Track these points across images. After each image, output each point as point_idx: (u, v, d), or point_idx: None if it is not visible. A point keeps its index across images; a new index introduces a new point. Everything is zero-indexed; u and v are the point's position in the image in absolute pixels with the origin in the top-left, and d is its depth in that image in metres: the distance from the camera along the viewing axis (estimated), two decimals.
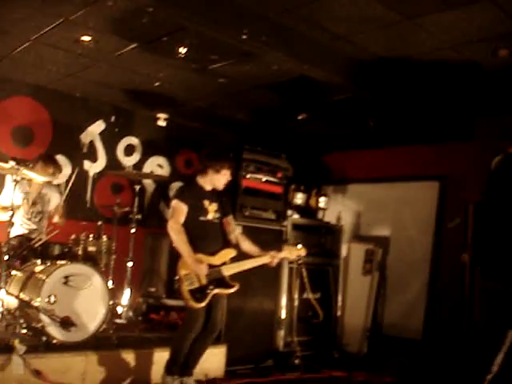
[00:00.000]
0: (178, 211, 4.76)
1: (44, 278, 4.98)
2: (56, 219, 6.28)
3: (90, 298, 5.15)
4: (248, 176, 6.62)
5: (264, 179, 6.78)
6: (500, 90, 6.10)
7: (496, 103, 6.51)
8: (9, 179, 5.99)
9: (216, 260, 4.80)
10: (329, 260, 7.38)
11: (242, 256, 4.99)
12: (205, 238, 4.83)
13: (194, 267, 4.63)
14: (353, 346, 7.46)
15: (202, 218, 4.84)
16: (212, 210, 4.91)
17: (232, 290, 4.86)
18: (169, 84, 6.75)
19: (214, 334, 4.94)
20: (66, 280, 5.04)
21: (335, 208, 8.21)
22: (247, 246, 5.06)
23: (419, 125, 7.37)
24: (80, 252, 5.72)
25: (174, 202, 4.83)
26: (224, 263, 4.84)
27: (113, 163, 7.83)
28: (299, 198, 7.35)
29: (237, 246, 5.03)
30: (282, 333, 6.64)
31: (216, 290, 4.74)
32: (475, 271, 6.13)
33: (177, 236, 4.68)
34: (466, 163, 7.22)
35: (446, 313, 7.14)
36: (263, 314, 6.50)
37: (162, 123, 7.99)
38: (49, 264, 5.28)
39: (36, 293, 4.91)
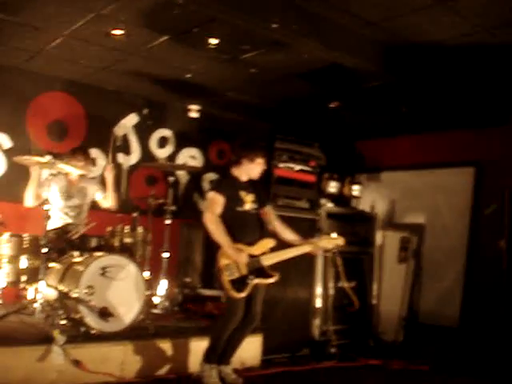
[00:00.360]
0: (215, 202, 4.76)
1: (82, 269, 5.06)
2: (108, 204, 6.38)
3: (127, 289, 5.21)
4: (281, 165, 6.62)
5: (297, 168, 6.76)
6: None
7: None
8: (45, 173, 6.09)
9: (255, 250, 4.78)
10: (363, 248, 7.34)
11: (281, 246, 4.96)
12: (243, 228, 4.82)
13: (234, 257, 4.64)
14: (388, 334, 7.42)
15: (239, 209, 4.83)
16: (249, 201, 4.89)
17: (272, 280, 4.83)
18: (200, 75, 6.78)
19: (253, 325, 4.95)
20: (104, 271, 5.11)
21: (369, 196, 8.16)
22: (288, 235, 5.03)
23: (454, 110, 7.27)
24: (116, 243, 5.80)
25: (211, 194, 4.83)
26: (263, 253, 4.81)
27: (146, 155, 7.91)
28: (333, 187, 7.31)
29: (276, 236, 5.00)
30: (317, 322, 6.64)
31: (256, 280, 4.73)
32: None
33: (215, 227, 4.68)
34: (502, 148, 7.12)
35: (483, 300, 7.06)
36: (298, 303, 6.51)
37: (194, 115, 8.03)
38: (86, 256, 5.36)
39: (74, 284, 4.99)
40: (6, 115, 6.87)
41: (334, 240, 5.07)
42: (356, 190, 7.60)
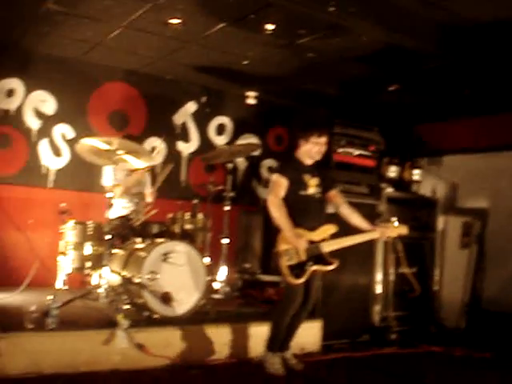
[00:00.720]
0: (279, 185, 4.67)
1: (144, 255, 5.17)
2: (150, 200, 6.48)
3: (188, 274, 5.29)
4: (340, 150, 6.56)
5: (356, 153, 6.69)
6: None
7: None
8: (106, 163, 6.22)
9: (316, 236, 4.68)
10: (425, 234, 7.22)
11: (344, 232, 4.85)
12: (305, 212, 4.71)
13: (293, 242, 4.56)
14: (451, 320, 7.30)
15: (302, 193, 4.73)
16: (313, 185, 4.78)
17: (331, 268, 4.73)
18: (257, 62, 6.77)
19: (309, 310, 4.93)
20: (165, 257, 5.19)
21: (430, 180, 8.01)
22: (356, 219, 4.89)
23: None
24: (177, 230, 5.89)
25: (275, 176, 4.73)
26: (324, 239, 4.70)
27: (205, 143, 7.98)
28: (393, 171, 7.20)
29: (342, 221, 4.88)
30: (377, 308, 6.58)
31: (315, 267, 4.64)
32: None
33: (277, 210, 4.59)
34: None
35: None
36: (358, 288, 6.46)
37: (251, 101, 8.05)
38: (148, 242, 5.47)
39: (137, 270, 5.10)
40: (69, 106, 7.06)
41: (397, 229, 4.93)
42: (417, 174, 7.46)
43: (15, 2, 5.41)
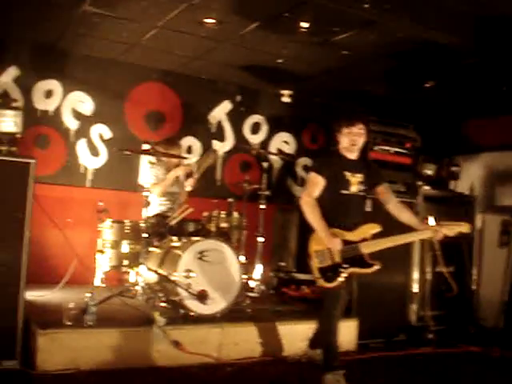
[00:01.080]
0: (313, 184, 4.44)
1: (180, 253, 5.21)
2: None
3: (224, 273, 5.32)
4: (376, 148, 6.51)
5: (392, 150, 6.64)
6: None
7: None
8: (145, 162, 6.29)
9: (354, 236, 4.38)
10: (462, 232, 7.11)
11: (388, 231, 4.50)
12: (343, 212, 4.44)
13: (327, 242, 4.31)
14: (489, 320, 7.18)
15: (343, 191, 4.45)
16: (355, 182, 4.50)
17: (370, 271, 4.39)
18: (292, 60, 6.76)
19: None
20: (201, 255, 5.23)
21: (467, 178, 7.89)
22: (406, 216, 4.57)
23: None
24: (213, 228, 5.92)
25: (311, 175, 4.51)
26: (364, 239, 4.39)
27: (240, 142, 8.00)
28: (429, 169, 7.12)
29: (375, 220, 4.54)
30: (414, 307, 6.52)
31: (351, 270, 4.34)
32: None
33: (309, 209, 4.36)
34: None
35: None
36: (395, 287, 6.40)
37: (286, 99, 8.04)
38: (184, 240, 5.51)
39: (173, 268, 5.15)
40: (106, 106, 7.16)
41: (456, 227, 4.51)
42: (454, 171, 7.37)
43: (53, 5, 5.51)
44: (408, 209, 4.65)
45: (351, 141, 4.53)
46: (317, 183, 4.45)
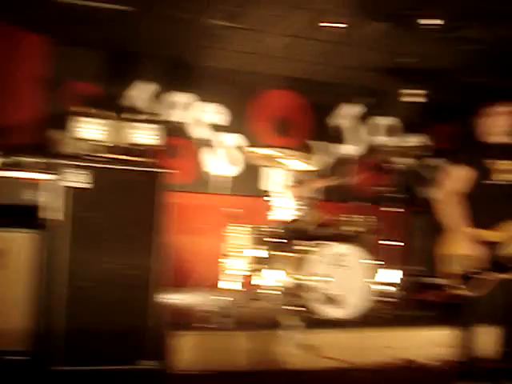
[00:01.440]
0: (451, 178, 3.99)
1: (315, 258, 5.23)
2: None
3: (359, 277, 5.27)
4: None
5: None
6: None
7: None
8: (273, 169, 6.37)
9: (501, 236, 3.85)
10: None
11: None
12: (487, 207, 3.89)
13: (467, 245, 3.88)
14: None
15: (486, 182, 3.90)
16: (502, 169, 3.89)
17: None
18: (422, 58, 6.58)
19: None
20: (336, 260, 5.21)
21: None
22: None
23: None
24: (347, 233, 5.87)
25: (447, 168, 4.05)
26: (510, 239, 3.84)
27: (371, 145, 7.89)
28: None
29: None
30: None
31: (497, 275, 3.84)
32: None
33: (445, 207, 3.96)
34: None
35: None
36: None
37: (418, 99, 7.82)
38: (319, 245, 5.51)
39: (308, 272, 5.16)
40: (235, 116, 7.36)
41: None
42: None
43: (181, 20, 5.75)
44: None
45: (503, 122, 3.99)
46: (455, 176, 3.99)
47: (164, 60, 6.98)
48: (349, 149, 7.85)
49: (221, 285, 6.05)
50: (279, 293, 5.50)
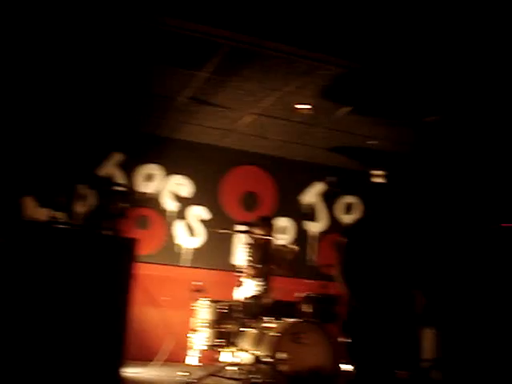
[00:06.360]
0: None
1: (275, 334, 5.22)
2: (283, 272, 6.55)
3: (318, 355, 5.26)
4: None
5: None
6: None
7: None
8: (238, 242, 6.43)
9: None
10: None
11: None
12: None
13: None
14: None
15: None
16: None
17: None
18: (385, 141, 6.83)
19: None
20: (295, 337, 5.21)
21: None
22: None
23: None
24: (307, 309, 5.89)
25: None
26: None
27: (333, 222, 8.04)
28: None
29: None
30: None
31: None
32: None
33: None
34: None
35: None
36: (497, 372, 6.06)
37: (380, 179, 8.03)
38: (279, 321, 5.52)
39: (268, 349, 5.15)
40: (203, 189, 7.46)
41: None
42: None
43: (156, 96, 5.93)
44: None
45: None
46: None
47: (137, 133, 7.14)
48: (314, 226, 7.98)
49: (188, 360, 5.98)
50: (243, 369, 5.44)
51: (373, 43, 4.68)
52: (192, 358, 5.94)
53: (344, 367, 4.15)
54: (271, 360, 5.05)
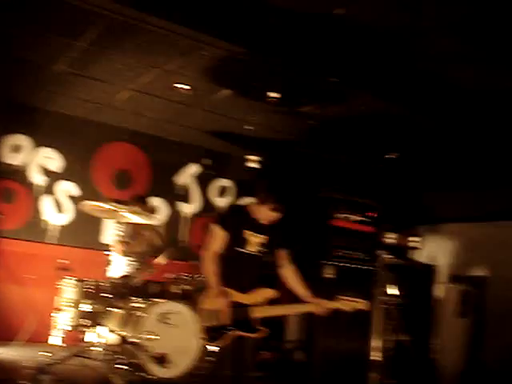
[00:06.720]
0: (215, 238, 4.21)
1: (142, 315, 5.18)
2: (159, 259, 6.48)
3: (186, 336, 5.27)
4: (338, 216, 6.64)
5: (354, 219, 6.77)
6: None
7: None
8: (109, 221, 6.29)
9: (246, 298, 4.17)
10: (423, 301, 7.22)
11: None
12: (240, 271, 4.22)
13: (215, 302, 4.08)
14: None
15: (240, 250, 4.21)
16: (255, 243, 4.25)
17: (254, 336, 4.15)
18: (261, 127, 6.93)
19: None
20: (164, 318, 5.20)
21: (428, 248, 8.05)
22: (295, 287, 4.38)
23: None
24: (176, 291, 5.90)
25: (213, 228, 4.24)
26: (257, 304, 4.18)
27: (206, 204, 8.07)
28: (390, 238, 7.26)
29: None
30: (374, 375, 6.52)
31: (236, 332, 4.09)
32: None
33: (206, 265, 4.18)
34: None
35: None
36: (356, 355, 6.42)
37: (254, 165, 8.16)
38: (147, 302, 5.48)
39: (135, 330, 5.10)
40: (74, 164, 7.20)
41: (352, 303, 4.32)
42: (415, 241, 7.53)
43: (28, 63, 5.62)
44: (299, 280, 4.41)
45: (270, 217, 4.30)
46: (219, 237, 4.21)
47: (5, 101, 6.73)
48: (187, 207, 7.97)
49: (51, 340, 5.79)
50: (108, 350, 5.36)
51: (256, 27, 4.71)
52: (55, 338, 5.76)
53: (210, 348, 4.19)
54: (138, 341, 5.01)
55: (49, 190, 7.07)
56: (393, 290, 4.87)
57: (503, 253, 7.76)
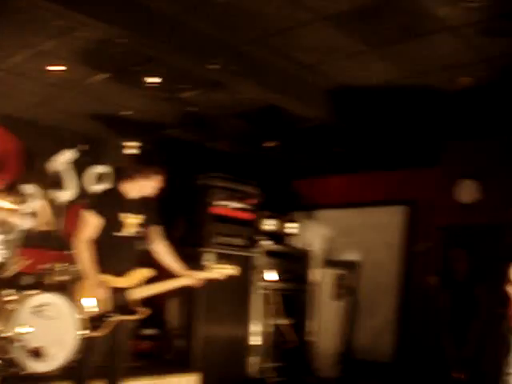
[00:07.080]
0: (88, 225, 4.15)
1: (15, 308, 4.94)
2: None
3: (63, 328, 5.10)
4: (218, 203, 6.67)
5: (234, 206, 6.82)
6: (461, 115, 6.27)
7: (459, 128, 6.67)
8: None
9: (124, 281, 4.15)
10: (300, 285, 7.43)
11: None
12: (115, 256, 4.17)
13: (92, 291, 4.02)
14: (325, 370, 7.49)
15: (116, 234, 4.16)
16: (132, 224, 4.21)
17: (133, 318, 4.18)
18: (139, 112, 6.82)
19: (119, 367, 4.38)
20: (37, 310, 5.00)
21: (306, 234, 8.28)
22: (166, 261, 4.40)
23: (387, 151, 7.52)
24: (50, 281, 5.68)
25: (85, 214, 4.18)
26: (135, 285, 4.18)
27: (81, 191, 7.82)
28: (270, 225, 7.42)
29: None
30: (254, 359, 6.64)
31: (118, 317, 4.08)
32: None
33: (80, 253, 4.10)
34: (434, 188, 7.35)
35: (417, 335, 7.20)
36: (236, 340, 6.50)
37: (132, 151, 8.01)
38: (19, 294, 5.24)
39: (7, 323, 4.86)
40: None
41: (221, 269, 4.44)
42: (292, 227, 7.74)
43: None
44: (171, 254, 4.44)
45: (154, 189, 4.37)
46: (92, 224, 4.15)
47: None
48: (62, 195, 7.67)
49: None
50: None
51: (135, 10, 4.60)
52: None
53: (89, 337, 4.10)
54: (9, 335, 4.79)
55: None
56: (272, 276, 4.98)
57: (374, 237, 8.16)
